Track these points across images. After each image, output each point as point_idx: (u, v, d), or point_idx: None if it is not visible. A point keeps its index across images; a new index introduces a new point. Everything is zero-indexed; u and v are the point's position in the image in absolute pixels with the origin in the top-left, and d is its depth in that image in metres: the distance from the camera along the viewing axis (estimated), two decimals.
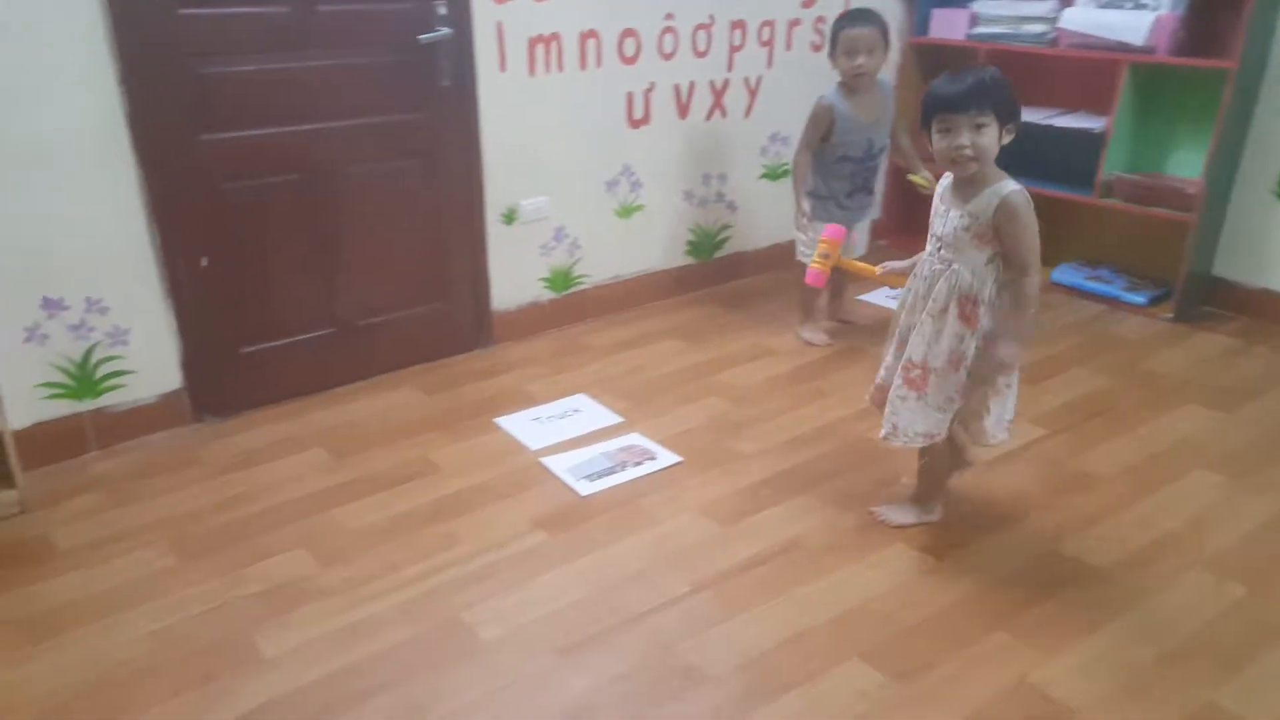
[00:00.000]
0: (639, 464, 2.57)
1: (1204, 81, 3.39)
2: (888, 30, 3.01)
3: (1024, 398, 2.91)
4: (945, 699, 1.79)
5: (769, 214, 3.93)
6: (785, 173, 3.91)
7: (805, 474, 2.54)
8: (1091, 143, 3.61)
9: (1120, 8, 3.47)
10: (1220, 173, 3.42)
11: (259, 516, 2.32)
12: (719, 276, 3.87)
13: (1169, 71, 3.46)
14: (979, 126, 1.95)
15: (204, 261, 2.62)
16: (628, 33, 3.26)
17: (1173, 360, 3.23)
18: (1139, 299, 3.62)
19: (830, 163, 3.12)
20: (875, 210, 3.16)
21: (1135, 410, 2.88)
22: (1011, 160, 4.14)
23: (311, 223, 2.79)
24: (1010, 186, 1.98)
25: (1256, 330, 3.45)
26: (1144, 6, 3.41)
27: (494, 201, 3.15)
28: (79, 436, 2.56)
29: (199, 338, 2.68)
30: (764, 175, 3.87)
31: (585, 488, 2.46)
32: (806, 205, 3.13)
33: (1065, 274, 3.84)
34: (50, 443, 2.49)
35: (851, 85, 3.04)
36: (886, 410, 2.15)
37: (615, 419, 2.80)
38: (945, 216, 2.04)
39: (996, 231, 1.97)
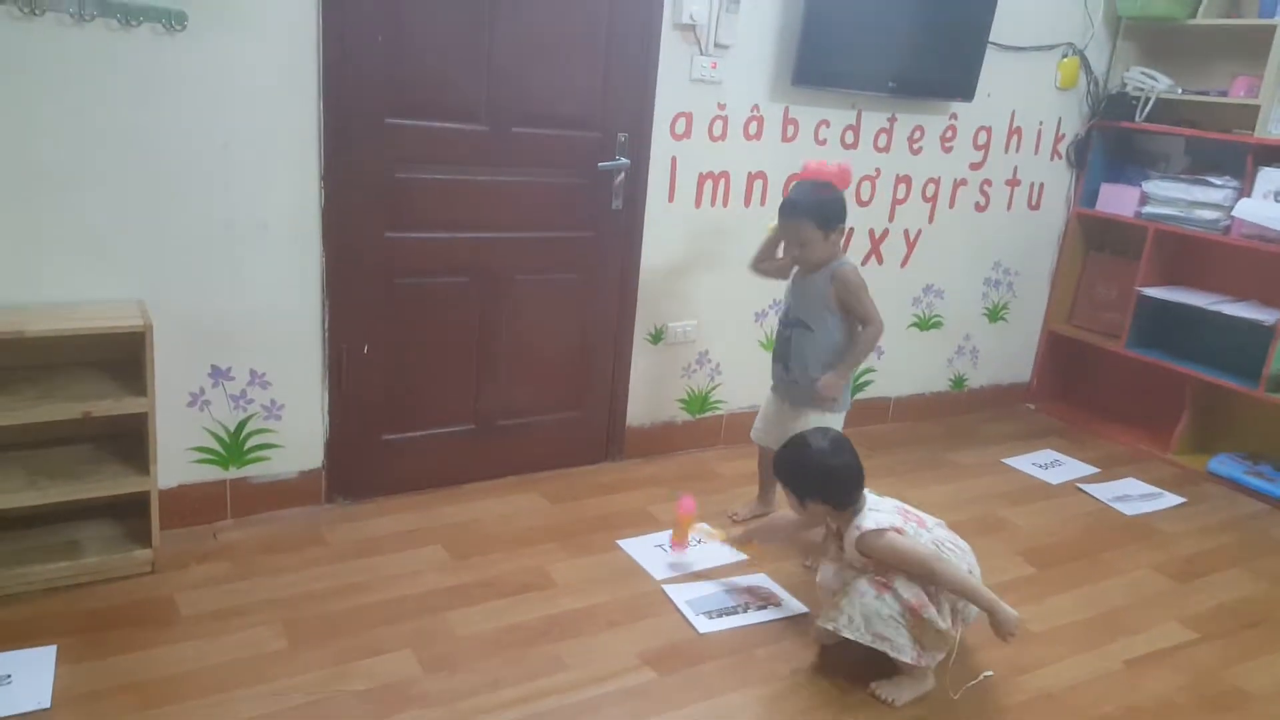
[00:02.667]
0: (763, 607, 2.28)
1: None
2: (826, 213, 2.39)
3: (1176, 594, 2.55)
4: None
5: (914, 362, 3.64)
6: (936, 324, 3.66)
7: None
8: (1261, 335, 3.19)
9: None
10: None
11: (373, 609, 2.14)
12: (858, 420, 3.53)
13: None
14: None
15: (366, 349, 2.54)
16: (795, 176, 3.11)
17: None
18: None
19: None
20: (814, 405, 2.49)
21: None
22: (1174, 341, 3.68)
23: (471, 323, 2.70)
24: None
25: None
26: None
27: (644, 321, 3.00)
28: (218, 503, 2.46)
29: (346, 421, 2.58)
30: (913, 324, 3.60)
31: (704, 625, 2.19)
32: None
33: (1223, 465, 3.35)
34: (190, 506, 2.40)
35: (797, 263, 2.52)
36: None
37: (738, 556, 2.50)
38: None
39: None
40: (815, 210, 2.40)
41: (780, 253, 2.58)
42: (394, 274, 2.53)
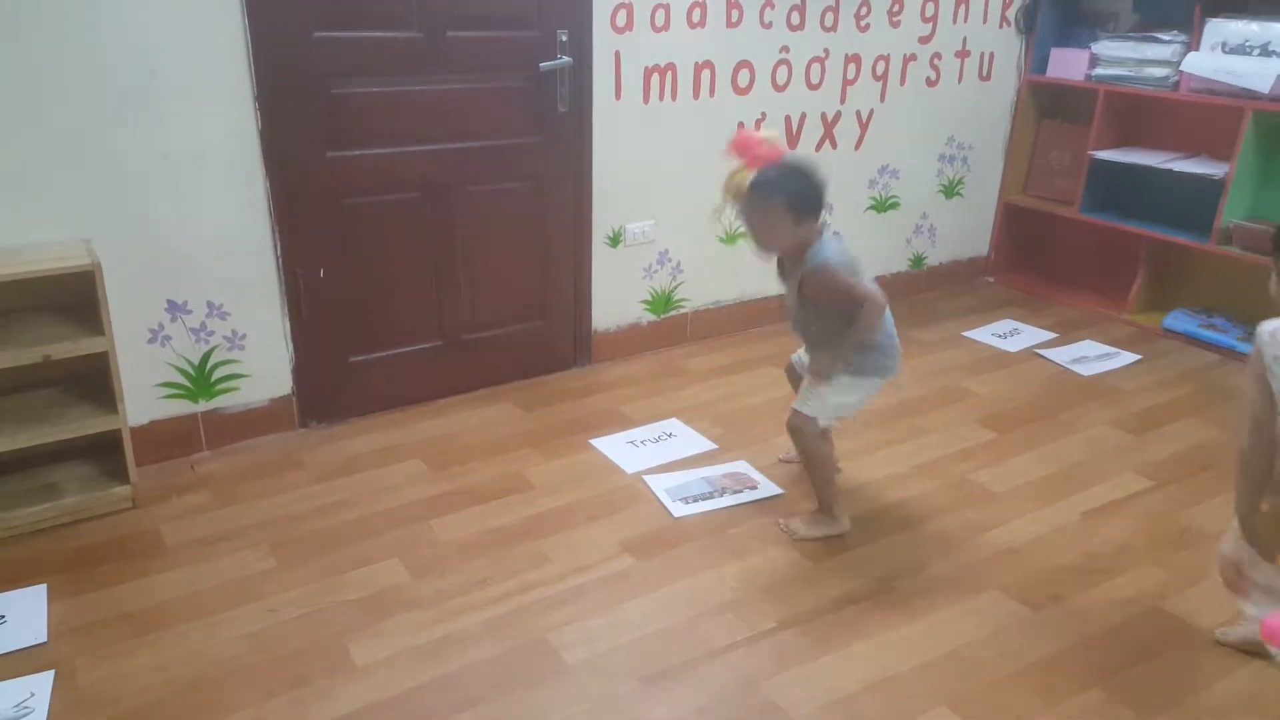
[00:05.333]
0: (739, 491, 2.35)
1: None
2: (797, 197, 1.96)
3: (1132, 447, 2.66)
4: None
5: (873, 244, 3.63)
6: (893, 205, 3.65)
7: (901, 513, 2.29)
8: (1211, 189, 3.22)
9: (1247, 54, 3.08)
10: None
11: (357, 523, 2.19)
12: None
13: None
14: None
15: (321, 273, 2.52)
16: (742, 64, 3.06)
17: None
18: None
19: None
20: (825, 375, 2.08)
21: None
22: (1127, 203, 3.74)
23: (426, 239, 2.67)
24: None
25: None
26: (1272, 54, 3.02)
27: (601, 224, 2.98)
28: (192, 436, 2.47)
29: (311, 346, 2.57)
30: (871, 207, 3.59)
31: (679, 510, 2.26)
32: None
33: (1178, 320, 3.44)
34: (164, 441, 2.41)
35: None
36: None
37: (708, 445, 2.58)
38: None
39: None
40: (794, 196, 1.96)
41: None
42: (342, 194, 2.48)
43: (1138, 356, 3.23)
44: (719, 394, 2.91)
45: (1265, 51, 3.05)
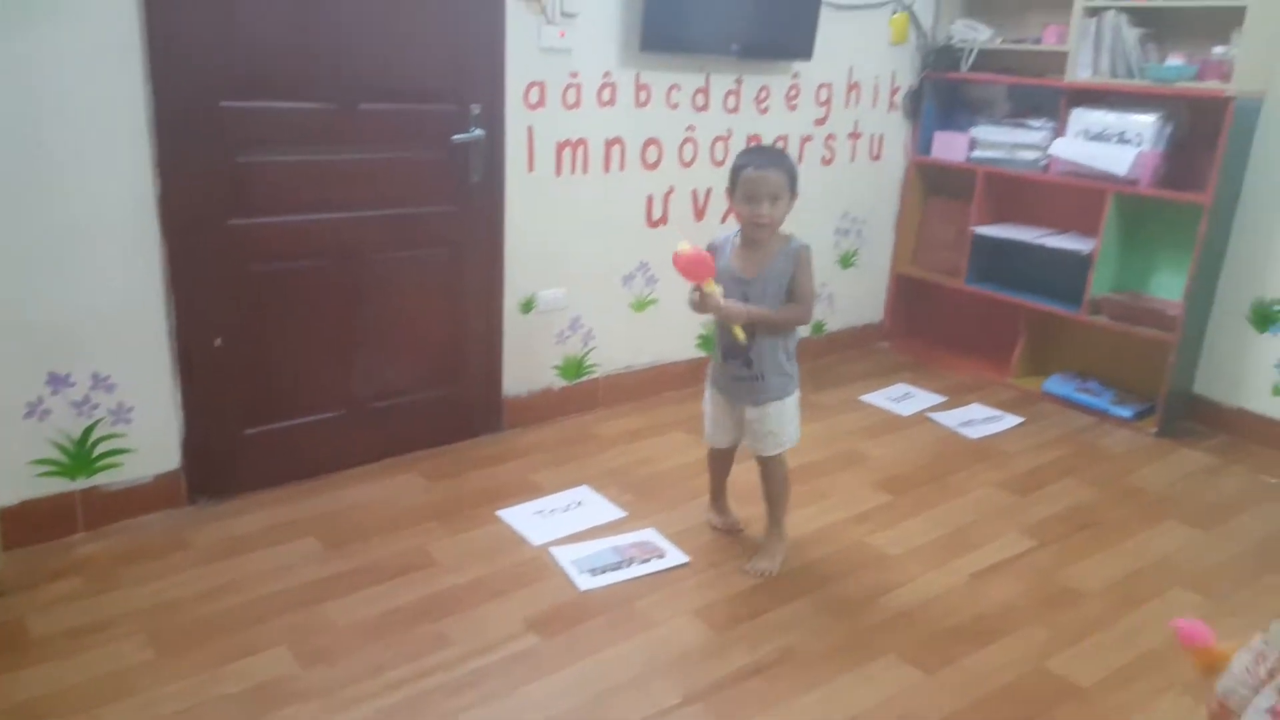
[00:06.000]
0: (646, 561, 2.27)
1: (1183, 212, 3.17)
2: (796, 177, 2.14)
3: (1016, 508, 2.69)
4: None
5: None
6: None
7: (803, 578, 2.25)
8: (1080, 263, 3.37)
9: (1106, 141, 3.26)
10: (1199, 297, 3.19)
11: (243, 608, 2.01)
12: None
13: (1151, 201, 3.24)
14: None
15: (218, 342, 2.36)
16: (650, 141, 3.07)
17: (1156, 475, 2.95)
18: (1126, 413, 3.32)
19: None
20: (768, 396, 2.19)
21: (1120, 524, 2.61)
22: (1007, 274, 3.88)
23: (334, 306, 2.54)
24: None
25: (1234, 448, 3.16)
26: (1128, 142, 3.20)
27: (513, 291, 2.91)
28: (68, 516, 2.24)
29: (203, 418, 2.39)
30: None
31: (586, 582, 2.17)
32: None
33: (1056, 385, 3.55)
34: (36, 522, 2.18)
35: (748, 235, 2.16)
36: None
37: (618, 513, 2.50)
38: None
39: None
40: (791, 170, 2.12)
41: (746, 225, 2.14)
42: (245, 261, 2.35)
43: (1021, 419, 3.31)
44: (630, 460, 2.84)
45: (1122, 139, 3.23)
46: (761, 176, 2.07)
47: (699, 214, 3.30)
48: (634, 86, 2.97)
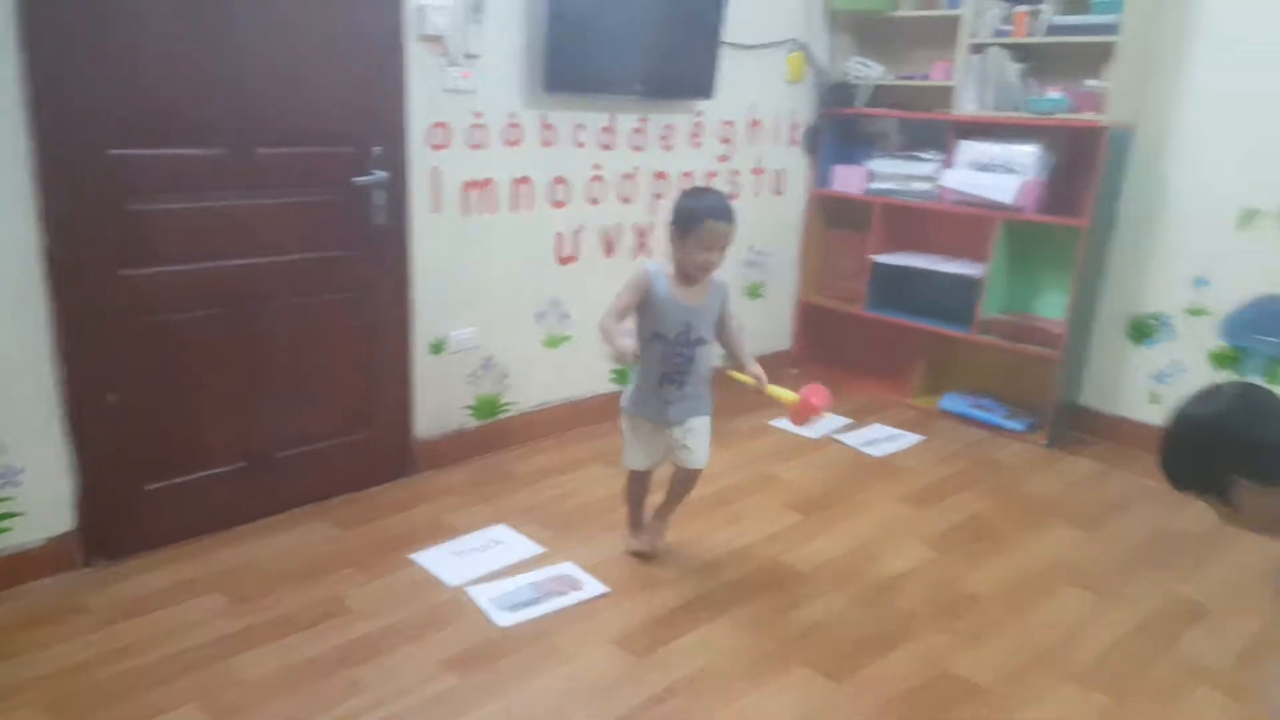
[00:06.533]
0: (564, 594, 2.35)
1: (1064, 236, 3.47)
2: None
3: (918, 521, 2.88)
4: None
5: None
6: None
7: (719, 599, 2.37)
8: (971, 287, 3.64)
9: (993, 171, 3.54)
10: (1080, 315, 3.48)
11: (148, 670, 1.99)
12: None
13: (1035, 227, 3.53)
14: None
15: (111, 397, 2.33)
16: (558, 180, 3.19)
17: (1046, 483, 3.20)
18: (1017, 426, 3.59)
19: (645, 340, 2.35)
20: (702, 410, 2.45)
21: (1014, 531, 2.83)
22: (905, 299, 4.14)
23: (235, 355, 2.55)
24: None
25: (1117, 454, 3.45)
26: (1013, 172, 3.49)
27: (423, 332, 2.96)
28: None
29: (98, 477, 2.35)
30: None
31: (504, 619, 2.23)
32: (626, 394, 2.47)
33: (952, 402, 3.81)
34: None
35: (692, 277, 2.33)
36: None
37: (536, 549, 2.57)
38: None
39: None
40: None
41: (695, 268, 2.30)
42: (139, 313, 2.34)
43: (921, 437, 3.53)
44: (547, 496, 2.92)
45: (1007, 169, 3.52)
46: (723, 229, 2.29)
47: (609, 250, 3.43)
48: (539, 126, 3.09)
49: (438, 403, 3.06)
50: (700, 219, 2.27)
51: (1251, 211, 3.15)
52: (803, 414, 2.44)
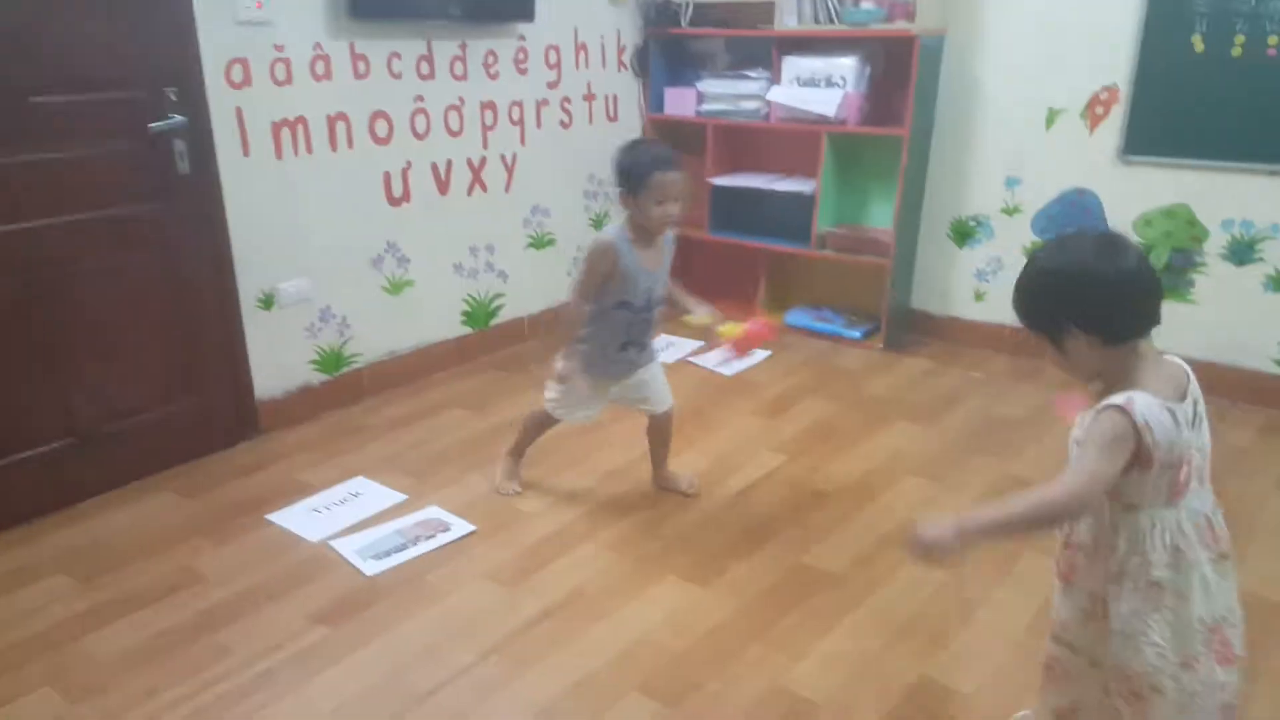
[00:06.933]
0: (431, 537, 2.43)
1: (887, 146, 3.76)
2: None
3: (769, 430, 3.13)
4: (712, 715, 1.84)
5: (538, 280, 3.92)
6: (550, 242, 3.94)
7: (587, 525, 2.52)
8: (805, 203, 3.89)
9: (816, 86, 3.77)
10: (906, 223, 3.81)
11: None
12: (498, 343, 3.79)
13: (859, 139, 3.81)
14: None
15: None
16: (378, 114, 3.15)
17: (885, 384, 3.54)
18: (856, 334, 3.92)
19: (606, 308, 2.39)
20: (652, 358, 2.60)
21: (857, 430, 3.12)
22: (746, 221, 4.35)
23: (37, 329, 2.43)
24: None
25: (948, 353, 3.84)
26: (835, 85, 3.73)
27: (249, 287, 2.90)
28: None
29: None
30: (530, 245, 3.85)
31: (372, 567, 2.29)
32: (573, 360, 2.46)
33: (796, 316, 4.10)
34: None
35: (650, 231, 2.36)
36: None
37: (398, 497, 2.63)
38: None
39: None
40: None
41: (656, 224, 2.32)
42: None
43: (768, 352, 3.79)
44: (405, 444, 2.97)
45: (829, 83, 3.76)
46: (674, 179, 2.28)
47: (443, 188, 3.43)
48: (350, 57, 3.03)
49: (276, 360, 3.02)
50: (646, 173, 2.25)
51: (1056, 111, 3.52)
52: (745, 345, 2.57)
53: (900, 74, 3.62)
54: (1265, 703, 1.87)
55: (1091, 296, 1.30)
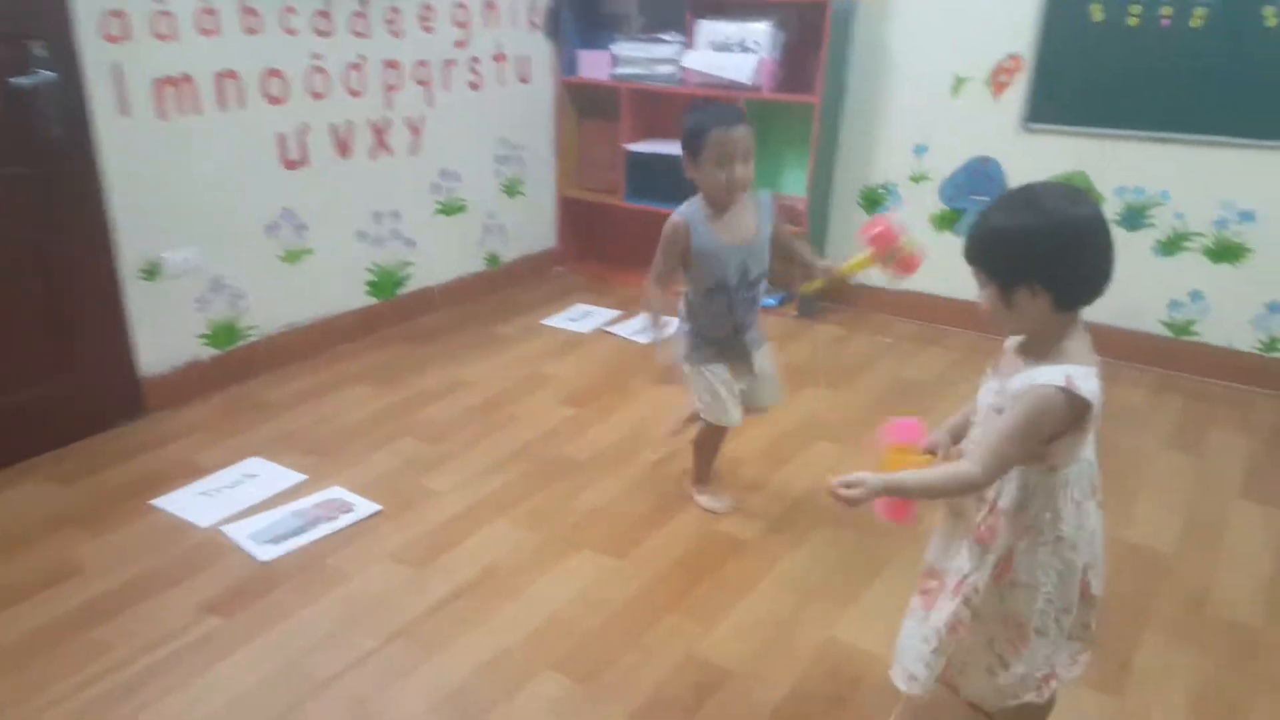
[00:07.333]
0: (333, 519, 2.31)
1: (800, 113, 3.73)
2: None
3: (684, 397, 3.04)
4: (625, 689, 1.82)
5: (448, 248, 3.77)
6: (460, 208, 3.79)
7: (497, 500, 2.44)
8: None
9: (730, 51, 3.71)
10: (819, 190, 3.79)
11: None
12: (405, 314, 3.64)
13: (774, 105, 3.77)
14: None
15: None
16: (271, 73, 2.95)
17: (798, 350, 3.54)
18: (771, 301, 3.90)
19: (701, 294, 2.23)
20: (762, 344, 2.35)
21: None
22: (663, 188, 4.27)
23: None
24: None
25: (858, 319, 3.87)
26: (749, 51, 3.67)
27: (130, 257, 2.69)
28: None
29: None
30: (440, 211, 3.70)
31: (268, 552, 2.17)
32: (683, 346, 2.28)
33: None
34: None
35: (721, 202, 2.16)
36: None
37: (297, 477, 2.50)
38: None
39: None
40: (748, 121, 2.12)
41: (722, 191, 2.11)
42: None
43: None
44: (306, 421, 2.82)
45: (743, 48, 3.70)
46: (733, 135, 2.05)
47: (345, 150, 3.25)
48: (239, 10, 2.82)
49: (163, 334, 2.82)
50: (703, 133, 2.05)
51: (962, 79, 3.54)
52: (885, 248, 2.00)
53: (813, 40, 3.59)
54: (1150, 651, 1.94)
55: (1068, 256, 1.28)
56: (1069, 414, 1.29)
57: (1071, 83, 3.34)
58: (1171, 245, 3.34)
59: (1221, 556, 2.28)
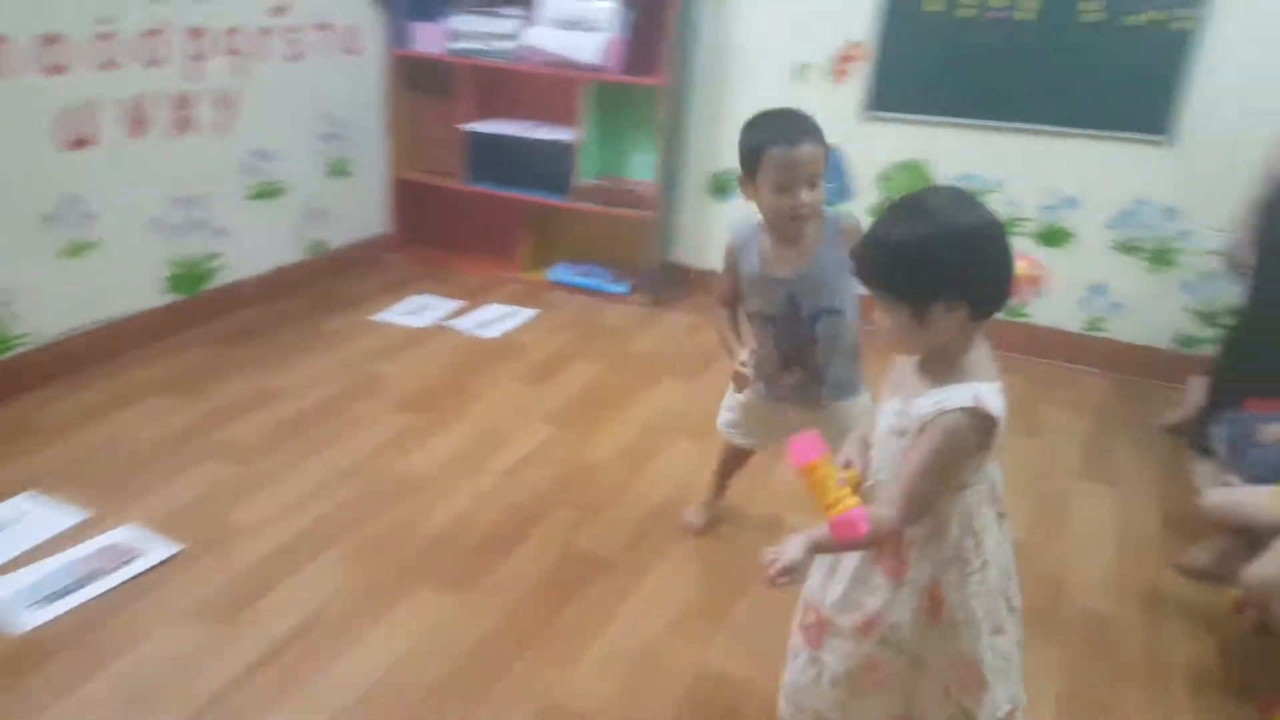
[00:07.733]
0: (114, 570, 1.92)
1: (648, 96, 3.55)
2: (824, 137, 1.77)
3: (535, 398, 2.85)
4: None
5: (262, 236, 3.33)
6: (277, 191, 3.36)
7: (321, 532, 2.12)
8: (564, 152, 3.61)
9: (575, 29, 3.47)
10: (667, 176, 3.64)
11: None
12: (213, 312, 3.18)
13: (621, 88, 3.56)
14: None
15: None
16: (50, 39, 2.45)
17: (650, 340, 3.38)
18: (621, 289, 3.74)
19: (751, 317, 1.97)
20: (854, 410, 1.95)
21: (626, 393, 2.93)
22: (503, 170, 4.01)
23: None
24: None
25: (708, 307, 3.68)
26: (595, 29, 3.45)
27: None
28: None
29: None
30: (253, 195, 3.26)
31: (31, 618, 1.77)
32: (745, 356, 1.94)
33: (559, 273, 3.84)
34: None
35: (788, 232, 1.81)
36: None
37: (78, 515, 2.08)
38: None
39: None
40: (822, 133, 1.74)
41: (781, 218, 1.77)
42: None
43: (535, 311, 3.51)
44: (91, 444, 2.38)
45: (590, 27, 3.46)
46: (797, 155, 1.69)
47: (137, 129, 2.77)
48: None
49: None
50: (760, 151, 1.70)
51: (806, 66, 3.45)
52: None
53: (660, 22, 3.39)
54: (1025, 650, 1.91)
55: (978, 263, 1.19)
56: (978, 436, 1.20)
57: (910, 72, 3.32)
58: (1006, 231, 3.42)
59: (1069, 541, 2.30)
